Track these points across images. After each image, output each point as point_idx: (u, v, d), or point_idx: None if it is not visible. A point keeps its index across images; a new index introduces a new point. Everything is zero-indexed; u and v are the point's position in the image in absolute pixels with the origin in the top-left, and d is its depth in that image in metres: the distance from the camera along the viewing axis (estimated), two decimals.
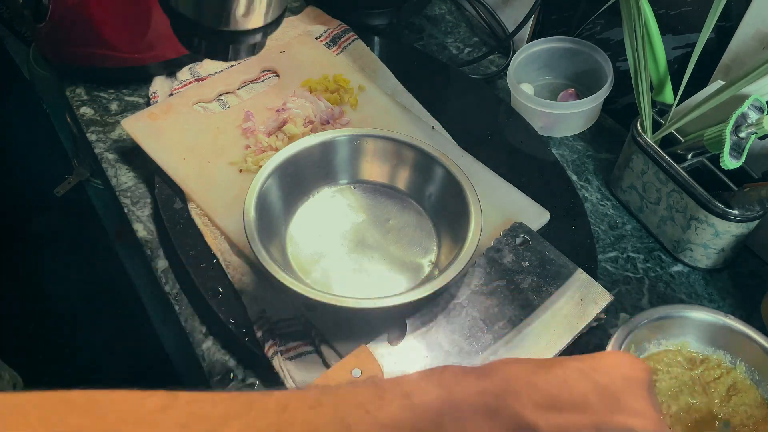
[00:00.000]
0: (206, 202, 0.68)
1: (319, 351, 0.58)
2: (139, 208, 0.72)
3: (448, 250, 0.64)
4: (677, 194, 0.67)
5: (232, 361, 0.61)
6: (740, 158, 0.62)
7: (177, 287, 0.66)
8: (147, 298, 1.36)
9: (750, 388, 0.56)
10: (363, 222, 0.68)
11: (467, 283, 0.61)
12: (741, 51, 0.69)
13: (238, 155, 0.72)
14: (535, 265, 0.62)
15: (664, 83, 0.70)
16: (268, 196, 0.63)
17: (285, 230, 0.66)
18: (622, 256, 0.72)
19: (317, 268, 0.64)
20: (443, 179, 0.66)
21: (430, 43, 0.97)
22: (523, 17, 0.87)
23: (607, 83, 0.78)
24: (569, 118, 0.81)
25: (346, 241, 0.66)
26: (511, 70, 0.83)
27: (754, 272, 0.71)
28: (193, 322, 0.64)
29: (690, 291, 0.69)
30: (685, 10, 0.73)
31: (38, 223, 1.65)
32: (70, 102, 0.84)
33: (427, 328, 0.58)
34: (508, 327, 0.58)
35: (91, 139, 0.79)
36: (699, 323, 0.58)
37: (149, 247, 0.69)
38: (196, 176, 0.70)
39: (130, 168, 0.76)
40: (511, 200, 0.70)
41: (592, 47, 0.82)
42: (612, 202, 0.77)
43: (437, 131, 0.78)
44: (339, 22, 0.90)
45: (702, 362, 0.58)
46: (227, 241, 0.66)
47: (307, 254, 0.65)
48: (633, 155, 0.72)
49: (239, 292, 0.62)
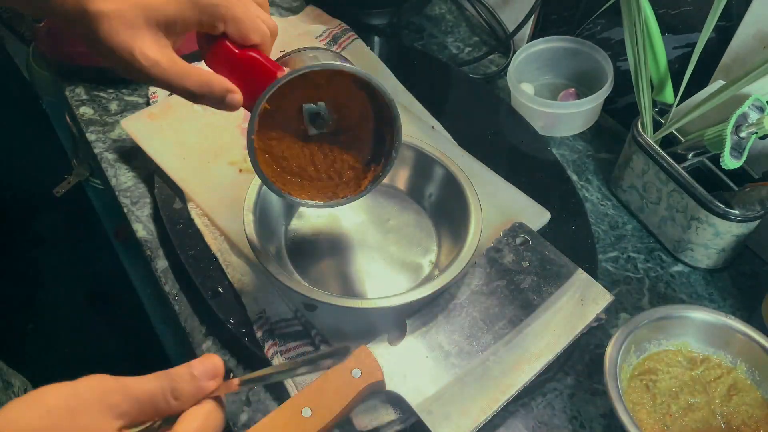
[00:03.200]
0: (206, 202, 0.68)
1: (319, 351, 0.58)
2: (138, 208, 0.72)
3: (448, 250, 0.64)
4: (678, 194, 0.67)
5: (231, 361, 0.61)
6: (741, 158, 0.62)
7: (177, 287, 0.66)
8: (147, 298, 1.36)
9: (750, 388, 0.56)
10: (363, 222, 0.67)
11: (467, 283, 0.61)
12: (741, 51, 0.68)
13: (238, 155, 0.72)
14: (535, 265, 0.62)
15: (664, 83, 0.70)
16: (268, 196, 0.63)
17: (285, 230, 0.66)
18: (623, 256, 0.71)
19: (317, 268, 0.64)
20: (443, 179, 0.66)
21: (430, 43, 0.97)
22: (524, 17, 0.87)
23: (608, 83, 0.78)
24: (569, 117, 0.81)
25: (346, 241, 0.66)
26: (512, 70, 0.83)
27: (755, 272, 0.71)
28: (192, 321, 0.64)
29: (690, 291, 0.69)
30: (686, 9, 0.73)
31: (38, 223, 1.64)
32: (69, 102, 0.84)
33: (427, 328, 0.58)
34: (508, 327, 0.58)
35: (90, 139, 0.79)
36: (699, 323, 0.58)
37: (149, 247, 0.69)
38: (196, 176, 0.70)
39: (130, 168, 0.76)
40: (511, 200, 0.70)
41: (592, 47, 0.82)
42: (612, 202, 0.77)
43: (437, 131, 0.78)
44: (339, 22, 0.90)
45: (702, 362, 0.58)
46: (227, 241, 0.66)
47: (306, 254, 0.65)
48: (633, 155, 0.72)
49: (239, 292, 0.62)
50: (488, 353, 0.57)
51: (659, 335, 0.58)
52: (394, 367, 0.54)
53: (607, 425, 0.58)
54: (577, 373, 0.62)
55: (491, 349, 0.57)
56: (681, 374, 0.57)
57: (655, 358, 0.58)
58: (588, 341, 0.64)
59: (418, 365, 0.55)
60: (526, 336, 0.58)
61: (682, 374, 0.57)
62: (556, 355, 0.57)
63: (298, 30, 0.89)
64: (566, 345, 0.57)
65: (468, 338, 0.57)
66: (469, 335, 0.57)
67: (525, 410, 0.59)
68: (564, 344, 0.57)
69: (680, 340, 0.58)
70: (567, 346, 0.58)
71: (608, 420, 0.59)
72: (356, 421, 0.53)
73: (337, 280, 0.63)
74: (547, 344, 0.57)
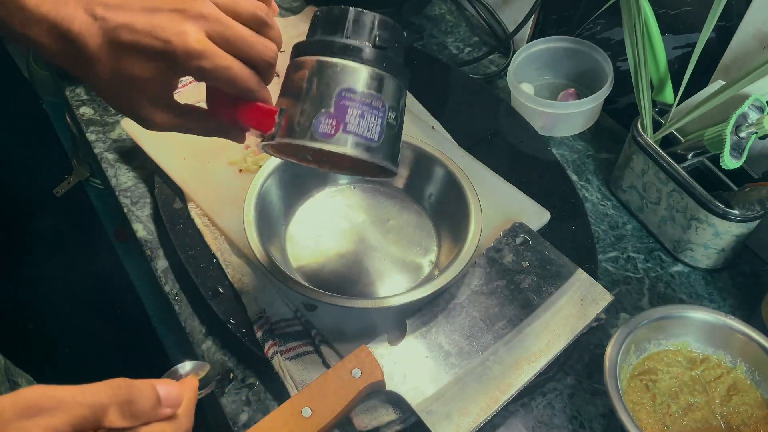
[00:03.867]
0: (206, 202, 0.68)
1: (319, 351, 0.58)
2: (138, 208, 0.72)
3: (448, 250, 0.64)
4: (677, 194, 0.67)
5: (231, 361, 0.61)
6: (740, 158, 0.62)
7: (177, 287, 0.66)
8: (147, 298, 1.36)
9: (750, 388, 0.56)
10: (363, 222, 0.67)
11: (467, 283, 0.61)
12: (741, 51, 0.68)
13: (238, 155, 0.72)
14: (535, 265, 0.62)
15: (664, 83, 0.70)
16: (268, 196, 0.63)
17: (285, 230, 0.66)
18: (623, 256, 0.71)
19: (317, 268, 0.64)
20: (443, 179, 0.66)
21: (430, 43, 0.97)
22: (524, 17, 0.87)
23: (608, 83, 0.78)
24: (569, 118, 0.81)
25: (346, 241, 0.66)
26: (511, 70, 0.83)
27: (755, 272, 0.71)
28: (192, 322, 0.64)
29: (690, 291, 0.69)
30: (686, 10, 0.73)
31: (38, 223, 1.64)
32: (69, 102, 0.84)
33: (427, 328, 0.58)
34: (508, 327, 0.58)
35: (90, 139, 0.79)
36: (699, 323, 0.58)
37: (149, 247, 0.69)
38: (196, 176, 0.70)
39: (130, 168, 0.76)
40: (511, 200, 0.70)
41: (592, 47, 0.82)
42: (612, 202, 0.77)
43: (437, 131, 0.78)
44: None
45: (702, 362, 0.58)
46: (227, 241, 0.66)
47: (306, 254, 0.65)
48: (633, 155, 0.72)
49: (239, 292, 0.62)
50: (488, 353, 0.57)
51: (659, 335, 0.58)
52: (394, 367, 0.54)
53: (607, 425, 0.58)
54: (577, 373, 0.62)
55: (491, 349, 0.57)
56: (681, 374, 0.57)
57: (655, 358, 0.58)
58: (588, 341, 0.64)
59: (418, 365, 0.55)
60: (526, 336, 0.58)
61: (682, 374, 0.57)
62: (556, 355, 0.57)
63: (298, 30, 0.89)
64: (566, 345, 0.57)
65: (468, 338, 0.57)
66: (469, 335, 0.58)
67: (525, 410, 0.59)
68: (564, 344, 0.57)
69: (680, 340, 0.58)
70: (567, 346, 0.58)
71: (608, 420, 0.59)
72: (356, 421, 0.53)
73: (337, 280, 0.63)
74: (547, 344, 0.57)
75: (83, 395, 0.34)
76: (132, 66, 0.42)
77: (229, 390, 0.59)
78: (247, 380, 0.59)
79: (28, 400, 0.33)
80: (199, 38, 0.41)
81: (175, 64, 0.41)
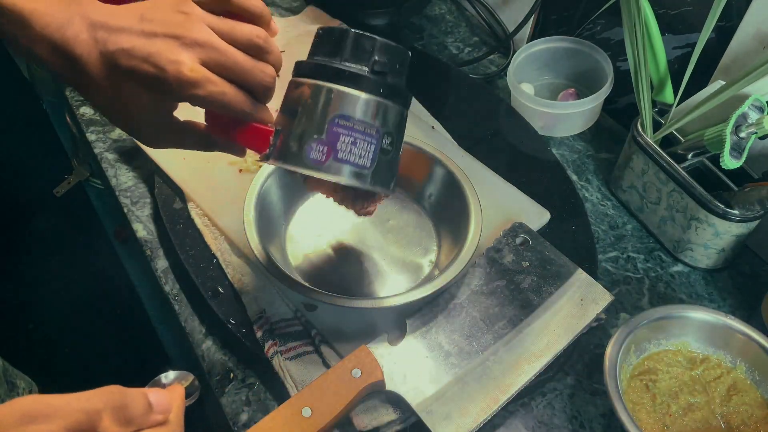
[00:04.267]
0: (206, 202, 0.68)
1: (319, 351, 0.58)
2: (138, 208, 0.72)
3: (448, 250, 0.64)
4: (677, 194, 0.67)
5: (231, 361, 0.61)
6: (740, 158, 0.62)
7: (177, 287, 0.66)
8: (147, 298, 1.36)
9: (750, 388, 0.56)
10: (363, 222, 0.67)
11: (467, 283, 0.61)
12: (741, 51, 0.68)
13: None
14: (535, 265, 0.62)
15: (664, 83, 0.70)
16: (268, 196, 0.63)
17: (284, 230, 0.66)
18: (623, 256, 0.71)
19: (317, 268, 0.64)
20: (443, 179, 0.66)
21: (430, 43, 0.97)
22: (523, 17, 0.87)
23: (607, 83, 0.78)
24: (569, 118, 0.81)
25: (346, 241, 0.66)
26: (511, 70, 0.83)
27: (755, 272, 0.71)
28: (192, 322, 0.64)
29: (690, 291, 0.69)
30: (685, 10, 0.73)
31: (38, 223, 1.65)
32: (69, 102, 0.84)
33: (427, 328, 0.58)
34: (508, 327, 0.58)
35: (90, 139, 0.79)
36: (699, 323, 0.58)
37: (149, 247, 0.69)
38: (196, 176, 0.70)
39: (130, 168, 0.76)
40: (511, 200, 0.70)
41: (592, 47, 0.82)
42: (612, 202, 0.77)
43: (437, 131, 0.78)
44: (339, 22, 0.90)
45: (702, 362, 0.58)
46: (227, 241, 0.66)
47: (306, 254, 0.65)
48: (633, 155, 0.72)
49: (239, 292, 0.62)
50: (488, 353, 0.57)
51: (659, 335, 0.58)
52: (394, 367, 0.54)
53: (607, 425, 0.58)
54: (577, 373, 0.62)
55: (491, 349, 0.57)
56: (681, 374, 0.57)
57: (654, 358, 0.58)
58: (588, 341, 0.64)
59: (418, 365, 0.55)
60: (526, 336, 0.58)
61: (681, 374, 0.57)
62: (556, 355, 0.57)
63: (298, 30, 0.89)
64: (566, 345, 0.57)
65: (468, 338, 0.57)
66: (469, 335, 0.58)
67: (525, 410, 0.59)
68: (564, 344, 0.57)
69: (680, 340, 0.58)
70: (567, 346, 0.58)
71: (608, 420, 0.59)
72: (356, 421, 0.53)
73: (337, 280, 0.63)
74: (547, 344, 0.57)
75: (78, 401, 0.34)
76: (130, 89, 0.43)
77: (229, 390, 0.59)
78: (247, 380, 0.59)
79: (24, 408, 0.33)
80: (193, 67, 0.41)
81: (170, 90, 0.42)
